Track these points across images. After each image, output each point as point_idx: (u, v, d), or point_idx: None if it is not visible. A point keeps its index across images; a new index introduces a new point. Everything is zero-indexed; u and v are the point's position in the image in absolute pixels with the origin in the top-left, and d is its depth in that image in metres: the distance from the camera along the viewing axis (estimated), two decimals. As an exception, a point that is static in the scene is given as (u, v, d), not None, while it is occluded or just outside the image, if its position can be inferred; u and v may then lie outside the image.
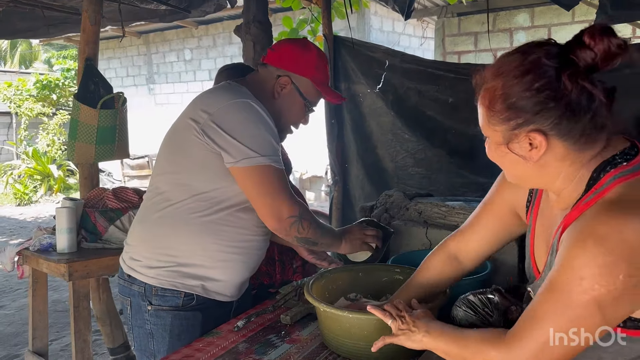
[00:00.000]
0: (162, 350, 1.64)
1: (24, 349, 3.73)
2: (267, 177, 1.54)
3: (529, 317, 0.99)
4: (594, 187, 0.99)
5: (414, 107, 3.59)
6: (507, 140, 1.02)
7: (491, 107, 1.01)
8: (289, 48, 1.76)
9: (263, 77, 1.75)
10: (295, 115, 1.79)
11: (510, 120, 0.99)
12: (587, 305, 0.90)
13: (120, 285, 1.75)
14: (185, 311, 1.65)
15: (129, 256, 1.71)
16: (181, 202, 1.61)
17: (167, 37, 11.01)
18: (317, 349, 1.49)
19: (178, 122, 1.67)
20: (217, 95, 1.63)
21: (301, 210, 1.59)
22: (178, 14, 4.11)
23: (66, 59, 17.68)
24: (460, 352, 1.08)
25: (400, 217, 2.22)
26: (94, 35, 3.04)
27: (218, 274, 1.66)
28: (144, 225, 1.70)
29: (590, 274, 0.89)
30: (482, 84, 1.04)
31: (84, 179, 3.17)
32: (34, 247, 2.68)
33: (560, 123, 0.96)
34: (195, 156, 1.58)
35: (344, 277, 1.72)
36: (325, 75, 1.78)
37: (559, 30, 6.23)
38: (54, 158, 11.62)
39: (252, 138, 1.53)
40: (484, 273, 1.71)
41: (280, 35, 4.44)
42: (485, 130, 1.07)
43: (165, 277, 1.63)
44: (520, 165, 1.04)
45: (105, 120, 2.93)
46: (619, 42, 0.94)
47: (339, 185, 4.08)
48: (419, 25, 9.06)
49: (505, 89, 0.98)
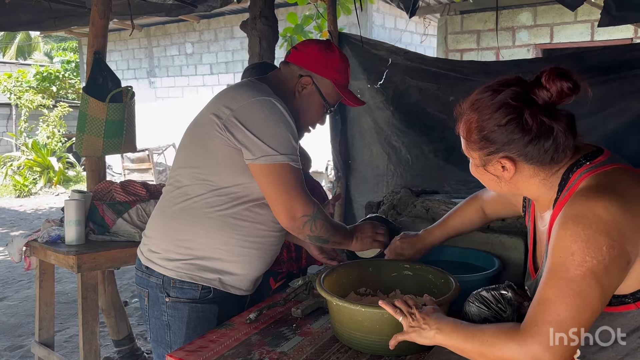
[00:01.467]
0: (178, 342, 1.67)
1: (27, 340, 3.76)
2: (284, 175, 1.56)
3: (538, 303, 1.05)
4: (566, 186, 1.14)
5: (414, 104, 3.62)
6: (484, 163, 1.20)
7: (468, 137, 1.19)
8: (313, 48, 1.77)
9: (285, 76, 1.77)
10: (314, 115, 1.81)
11: (484, 149, 1.17)
12: (585, 277, 1.00)
13: (138, 276, 1.77)
14: (202, 304, 1.68)
15: (148, 248, 1.73)
16: (200, 196, 1.63)
17: (168, 31, 11.00)
18: (329, 342, 1.52)
19: (200, 117, 1.69)
20: (241, 91, 1.65)
21: (315, 210, 1.61)
22: (184, 8, 4.12)
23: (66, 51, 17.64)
24: (476, 347, 1.11)
25: (407, 214, 2.25)
26: (103, 29, 3.06)
27: (235, 268, 1.69)
28: (163, 218, 1.72)
29: (578, 248, 1.01)
30: (461, 114, 1.21)
31: (92, 172, 3.19)
32: (43, 239, 2.70)
33: (525, 150, 1.12)
34: (216, 151, 1.60)
35: (354, 272, 1.75)
36: (346, 78, 1.81)
37: (561, 29, 6.26)
38: (53, 150, 11.61)
39: (272, 136, 1.56)
40: (492, 270, 1.75)
41: (285, 32, 4.45)
42: (466, 152, 1.25)
43: (184, 270, 1.66)
44: (496, 182, 1.22)
45: (114, 114, 2.95)
46: (570, 85, 1.10)
47: (341, 181, 4.11)
48: (421, 22, 9.08)
49: (479, 122, 1.16)
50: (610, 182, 1.08)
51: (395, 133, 3.74)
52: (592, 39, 6.09)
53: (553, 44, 6.32)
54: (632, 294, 1.07)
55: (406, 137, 3.69)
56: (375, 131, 3.88)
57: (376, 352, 1.42)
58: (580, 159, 1.15)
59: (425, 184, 3.48)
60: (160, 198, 1.78)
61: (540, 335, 1.01)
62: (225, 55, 10.39)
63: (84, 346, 2.65)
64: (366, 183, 4.03)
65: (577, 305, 1.00)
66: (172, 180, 1.73)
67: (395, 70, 3.69)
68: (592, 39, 6.09)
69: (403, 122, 3.70)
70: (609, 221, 1.01)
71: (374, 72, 3.80)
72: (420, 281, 1.69)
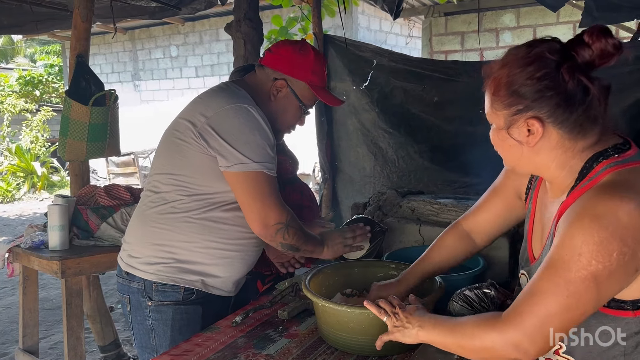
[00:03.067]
0: (164, 345, 1.66)
1: (11, 348, 3.71)
2: (257, 183, 1.57)
3: (529, 294, 1.02)
4: (588, 175, 1.06)
5: (399, 105, 3.64)
6: (508, 125, 1.10)
7: (496, 93, 1.10)
8: (286, 50, 1.76)
9: (260, 79, 1.77)
10: (291, 118, 1.81)
11: (512, 106, 1.07)
12: (585, 280, 0.96)
13: (119, 283, 1.75)
14: (185, 305, 1.67)
15: (127, 254, 1.72)
16: (178, 201, 1.63)
17: (153, 34, 10.94)
18: (315, 343, 1.52)
19: (176, 123, 1.68)
20: (216, 98, 1.64)
21: (288, 218, 1.62)
22: (168, 11, 4.10)
23: (49, 55, 17.47)
24: (457, 340, 1.11)
25: (393, 215, 2.26)
26: (85, 32, 3.03)
27: (217, 271, 1.69)
28: (142, 223, 1.71)
29: (587, 251, 0.96)
30: (490, 74, 1.12)
31: (75, 176, 3.16)
32: (26, 245, 2.67)
33: (556, 111, 1.04)
34: (192, 158, 1.60)
35: (340, 273, 1.75)
36: (322, 79, 1.80)
37: (544, 30, 6.32)
38: (37, 155, 11.47)
39: (246, 144, 1.56)
40: (477, 269, 1.76)
41: (270, 34, 4.45)
42: (489, 116, 1.15)
43: (165, 273, 1.65)
44: (517, 149, 1.11)
45: (97, 118, 2.92)
46: (615, 43, 1.02)
47: (328, 183, 4.11)
48: (405, 24, 9.13)
49: (509, 77, 1.07)
50: (637, 181, 1.01)
51: (381, 134, 3.75)
52: (574, 39, 6.17)
53: (536, 45, 6.38)
54: (632, 301, 1.03)
55: (392, 138, 3.71)
56: (361, 133, 3.89)
57: (362, 353, 1.43)
58: (607, 149, 1.07)
59: (412, 184, 3.50)
60: (138, 203, 1.77)
61: (524, 325, 1.00)
62: (211, 58, 10.36)
63: (69, 352, 2.62)
64: (353, 184, 4.04)
65: (569, 304, 0.98)
66: (150, 185, 1.72)
67: (380, 71, 3.71)
68: (574, 39, 6.17)
69: (388, 123, 3.71)
70: (629, 226, 0.95)
71: (359, 73, 3.81)
72: (405, 281, 1.69)
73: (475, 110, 3.33)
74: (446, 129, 3.48)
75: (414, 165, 3.62)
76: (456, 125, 3.42)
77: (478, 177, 3.27)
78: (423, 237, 2.09)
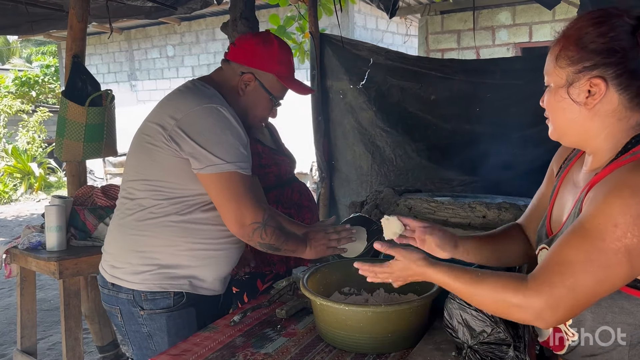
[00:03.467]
0: (164, 349, 1.63)
1: (10, 349, 3.70)
2: (231, 183, 1.55)
3: (557, 262, 0.99)
4: (632, 150, 1.05)
5: (396, 103, 3.65)
6: (570, 82, 1.08)
7: (564, 48, 1.08)
8: (250, 43, 1.73)
9: (227, 75, 1.74)
10: (261, 111, 1.79)
11: (579, 62, 1.06)
12: (618, 252, 0.94)
13: (104, 294, 1.72)
14: (178, 310, 1.66)
15: (110, 264, 1.69)
16: (155, 206, 1.61)
17: (149, 33, 10.92)
18: (313, 342, 1.52)
19: (145, 126, 1.65)
20: (185, 99, 1.62)
21: (265, 217, 1.60)
22: (164, 10, 4.09)
23: (45, 55, 17.43)
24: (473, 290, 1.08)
25: (390, 213, 2.25)
26: (81, 32, 3.03)
27: (204, 272, 1.68)
28: (121, 232, 1.68)
29: (624, 222, 0.93)
30: (562, 33, 1.11)
31: (72, 177, 3.15)
32: (23, 246, 2.67)
33: (622, 75, 1.03)
34: (165, 162, 1.58)
35: (338, 271, 1.75)
36: (290, 68, 1.77)
37: (540, 28, 6.34)
38: (34, 156, 11.44)
39: (217, 145, 1.54)
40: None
41: (267, 33, 4.45)
42: (549, 74, 1.13)
43: (152, 281, 1.63)
44: (572, 112, 1.09)
45: (94, 118, 2.92)
46: None
47: (325, 182, 4.11)
48: (402, 23, 9.13)
49: (581, 34, 1.06)
50: None
51: (378, 133, 3.76)
52: (571, 37, 6.18)
53: (532, 43, 6.40)
54: None
55: (389, 137, 3.71)
56: (358, 131, 3.89)
57: (360, 351, 1.43)
58: None
59: (409, 183, 3.50)
60: (115, 211, 1.74)
61: (551, 295, 0.97)
62: (207, 58, 10.34)
63: (67, 353, 2.62)
64: (350, 183, 4.05)
65: (599, 277, 0.95)
66: (124, 192, 1.69)
67: (377, 70, 3.71)
68: (570, 37, 6.19)
69: (386, 121, 3.71)
70: None
71: (356, 72, 3.81)
72: (403, 279, 1.69)
73: (472, 108, 3.37)
74: (443, 127, 3.49)
75: (411, 163, 3.63)
76: (453, 123, 3.43)
77: (475, 175, 3.28)
78: (420, 235, 2.09)
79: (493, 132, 3.14)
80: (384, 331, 1.41)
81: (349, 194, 4.02)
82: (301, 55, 4.63)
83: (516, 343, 1.21)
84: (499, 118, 3.15)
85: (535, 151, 3.06)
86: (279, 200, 2.32)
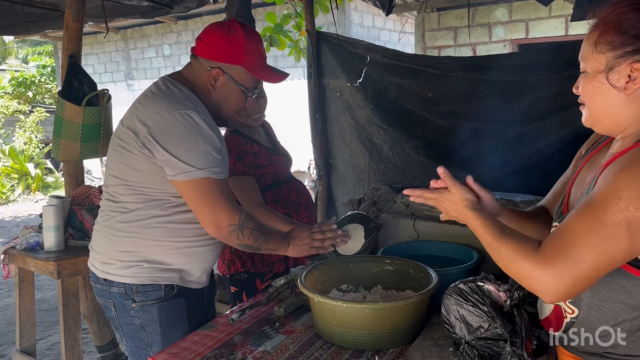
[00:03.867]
0: (156, 340, 1.68)
1: (9, 349, 3.70)
2: (204, 189, 1.57)
3: (563, 233, 1.02)
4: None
5: (393, 101, 3.64)
6: (609, 68, 1.08)
7: (604, 33, 1.08)
8: (214, 37, 1.69)
9: (196, 71, 1.72)
10: (235, 104, 1.77)
11: (620, 47, 1.06)
12: (618, 224, 0.96)
13: (97, 289, 1.74)
14: (169, 300, 1.69)
15: (100, 261, 1.70)
16: (141, 209, 1.63)
17: (145, 33, 10.89)
18: (312, 339, 1.53)
19: (119, 131, 1.66)
20: (155, 104, 1.61)
21: (242, 219, 1.61)
22: (160, 9, 4.08)
23: (41, 55, 17.39)
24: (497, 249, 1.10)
25: (387, 210, 2.26)
26: (77, 32, 3.02)
27: (191, 267, 1.72)
28: (108, 234, 1.69)
29: (628, 196, 0.96)
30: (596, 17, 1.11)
31: (69, 177, 3.15)
32: (21, 246, 2.67)
33: None
34: (141, 167, 1.60)
35: (336, 269, 1.76)
36: (259, 57, 1.73)
37: (536, 24, 6.34)
38: (31, 156, 11.42)
39: (189, 152, 1.55)
40: (471, 262, 1.77)
41: (264, 32, 4.44)
42: (587, 60, 1.13)
43: (143, 274, 1.66)
44: (610, 97, 1.10)
45: (90, 118, 2.91)
46: None
47: (323, 180, 4.11)
48: (399, 20, 9.13)
49: (621, 19, 1.07)
50: None
51: (375, 131, 3.75)
52: (567, 33, 6.17)
53: (529, 39, 6.39)
54: None
55: (387, 135, 3.71)
56: (355, 129, 3.89)
57: (358, 347, 1.44)
58: None
59: (407, 180, 3.50)
60: (100, 211, 1.75)
61: (556, 266, 0.99)
62: (204, 57, 10.32)
63: (66, 353, 2.62)
64: (348, 181, 4.04)
65: (600, 249, 0.97)
66: (108, 194, 1.70)
67: (374, 67, 3.71)
68: (566, 33, 6.18)
69: (383, 119, 3.71)
70: None
71: (353, 70, 3.80)
72: (401, 276, 1.70)
73: (469, 105, 3.37)
74: (441, 124, 3.49)
75: (409, 161, 3.63)
76: (450, 120, 3.43)
77: (473, 171, 3.27)
78: (417, 232, 2.10)
79: (490, 129, 3.14)
80: (382, 327, 1.41)
81: (347, 192, 4.02)
82: (297, 53, 4.62)
83: (513, 338, 1.22)
84: (496, 115, 3.15)
85: (533, 147, 3.07)
86: (277, 199, 2.32)
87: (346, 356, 1.41)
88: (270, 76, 1.76)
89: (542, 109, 2.97)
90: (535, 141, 3.06)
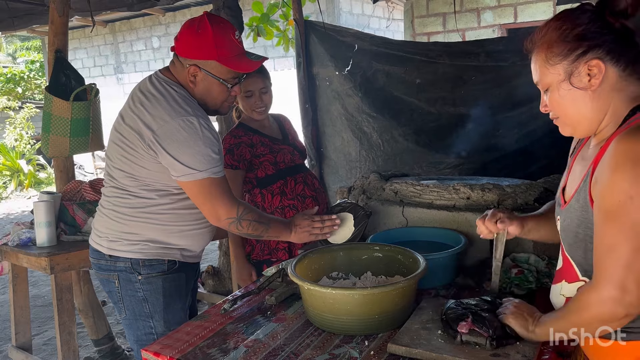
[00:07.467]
0: (158, 310, 1.81)
1: (5, 346, 3.71)
2: (205, 188, 1.72)
3: (605, 251, 1.07)
4: (627, 120, 1.13)
5: (381, 88, 3.65)
6: (569, 73, 1.16)
7: (550, 48, 1.17)
8: (185, 34, 1.76)
9: (178, 69, 1.80)
10: (218, 95, 1.82)
11: (572, 52, 1.15)
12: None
13: (100, 265, 1.85)
14: (172, 274, 1.85)
15: (106, 239, 1.82)
16: (149, 199, 1.77)
17: (133, 26, 10.81)
18: (302, 326, 1.55)
19: (122, 128, 1.75)
20: (157, 108, 1.70)
21: (240, 212, 1.76)
22: (146, 2, 4.06)
23: (30, 51, 17.23)
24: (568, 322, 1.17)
25: (377, 198, 2.28)
26: (63, 27, 3.00)
27: (192, 246, 1.89)
28: (115, 217, 1.81)
29: (637, 192, 1.01)
30: (535, 42, 1.21)
31: (60, 172, 3.15)
32: (13, 242, 2.67)
33: (613, 49, 1.12)
34: (147, 164, 1.73)
35: (326, 257, 1.78)
36: (231, 48, 1.76)
37: (524, 9, 6.34)
38: (22, 153, 11.35)
39: (191, 156, 1.68)
40: (459, 246, 1.79)
41: (251, 21, 4.43)
42: (544, 77, 1.21)
43: (149, 250, 1.80)
44: (581, 100, 1.17)
45: (79, 113, 2.91)
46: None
47: (315, 169, 4.13)
48: (387, 7, 9.09)
49: (559, 31, 1.16)
50: None
51: (365, 119, 3.76)
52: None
53: (517, 24, 6.39)
54: None
55: (376, 122, 3.72)
56: (345, 118, 3.90)
57: (348, 333, 1.46)
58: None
59: (397, 168, 3.52)
60: (104, 196, 1.86)
61: (614, 279, 1.04)
62: (193, 48, 10.25)
63: (62, 347, 2.64)
64: (339, 170, 4.06)
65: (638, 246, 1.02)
66: (114, 182, 1.80)
67: (362, 55, 3.71)
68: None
69: (372, 107, 3.72)
70: None
71: (341, 58, 3.80)
72: (390, 262, 1.73)
73: (457, 91, 3.38)
74: (429, 110, 3.50)
75: (399, 148, 3.64)
76: (439, 106, 3.44)
77: (462, 157, 3.30)
78: (406, 219, 2.12)
79: (478, 114, 3.16)
80: (371, 313, 1.43)
81: (339, 181, 4.04)
82: (285, 42, 4.61)
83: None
84: (484, 100, 3.17)
85: (521, 131, 3.09)
86: (283, 191, 2.41)
87: (336, 342, 1.43)
88: (244, 65, 1.78)
89: (530, 93, 2.99)
90: (524, 125, 3.08)
